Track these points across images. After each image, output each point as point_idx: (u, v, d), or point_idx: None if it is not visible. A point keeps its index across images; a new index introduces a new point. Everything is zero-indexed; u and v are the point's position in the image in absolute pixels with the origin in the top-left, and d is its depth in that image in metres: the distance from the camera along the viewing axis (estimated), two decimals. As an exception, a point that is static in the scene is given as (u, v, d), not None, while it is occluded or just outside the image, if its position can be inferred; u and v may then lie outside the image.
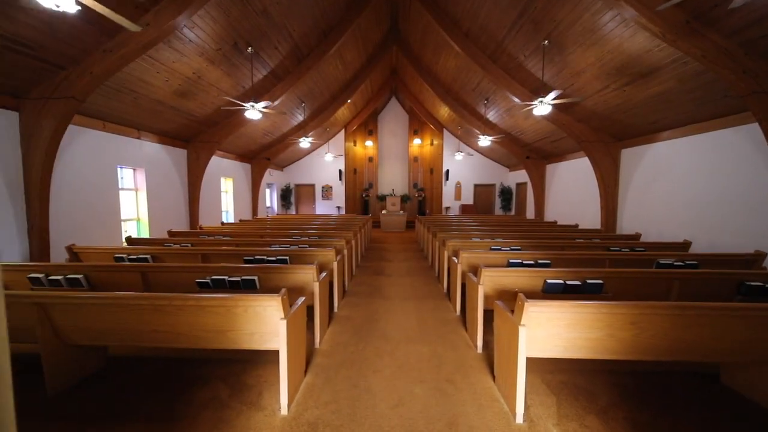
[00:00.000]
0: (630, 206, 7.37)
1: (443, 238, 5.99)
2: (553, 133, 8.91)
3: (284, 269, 3.27)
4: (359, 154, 15.95)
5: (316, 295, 3.20)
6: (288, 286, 3.29)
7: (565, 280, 3.05)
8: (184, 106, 6.61)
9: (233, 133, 8.39)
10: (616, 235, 6.50)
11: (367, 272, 6.51)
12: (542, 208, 11.26)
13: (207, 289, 3.25)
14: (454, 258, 4.51)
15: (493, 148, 12.88)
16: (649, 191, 6.73)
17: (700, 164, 5.56)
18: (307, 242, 5.35)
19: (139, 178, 6.90)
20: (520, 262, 3.98)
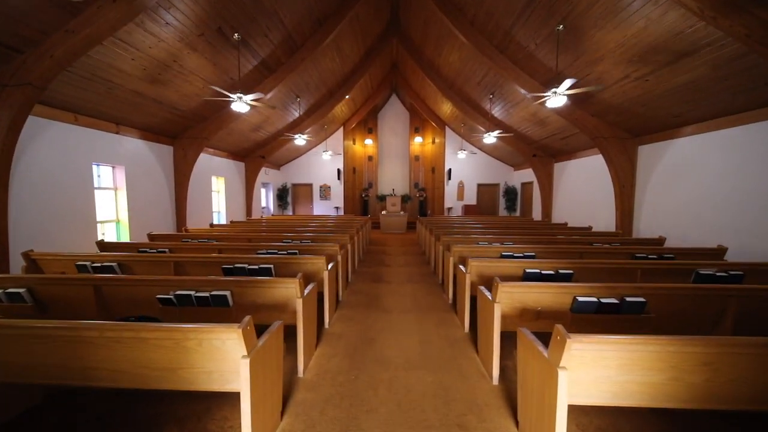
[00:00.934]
0: (648, 207, 6.84)
1: (447, 242, 5.47)
2: (563, 129, 8.39)
3: (263, 284, 2.75)
4: (358, 153, 15.44)
5: (300, 314, 2.68)
6: (267, 303, 2.78)
7: (599, 297, 2.54)
8: (166, 97, 6.10)
9: (223, 128, 7.88)
10: (638, 239, 5.97)
11: (364, 278, 5.99)
12: (550, 209, 10.73)
13: (171, 306, 2.74)
14: (461, 266, 4.00)
15: (497, 147, 12.35)
16: (670, 191, 6.20)
17: (731, 161, 5.04)
18: (299, 247, 4.84)
19: (119, 176, 6.39)
20: (539, 273, 3.46)
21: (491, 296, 2.67)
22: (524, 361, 2.05)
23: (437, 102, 12.57)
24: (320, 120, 11.16)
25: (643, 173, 6.95)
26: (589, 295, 2.57)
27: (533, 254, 4.40)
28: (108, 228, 6.33)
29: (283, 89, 8.15)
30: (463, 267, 3.96)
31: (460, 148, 13.49)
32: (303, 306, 2.73)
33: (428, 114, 13.79)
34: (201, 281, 2.80)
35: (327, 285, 3.77)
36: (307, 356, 2.86)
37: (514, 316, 2.65)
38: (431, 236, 7.02)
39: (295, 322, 2.71)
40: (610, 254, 4.56)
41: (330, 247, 4.78)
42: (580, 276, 3.52)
